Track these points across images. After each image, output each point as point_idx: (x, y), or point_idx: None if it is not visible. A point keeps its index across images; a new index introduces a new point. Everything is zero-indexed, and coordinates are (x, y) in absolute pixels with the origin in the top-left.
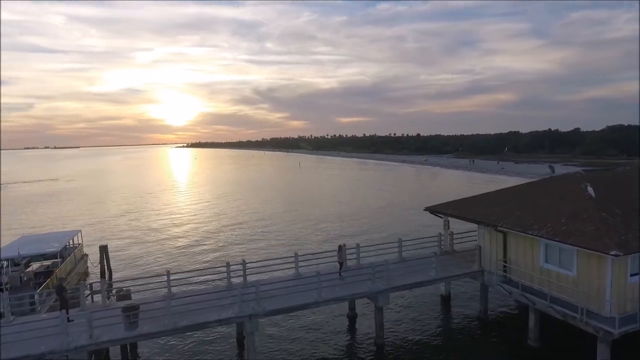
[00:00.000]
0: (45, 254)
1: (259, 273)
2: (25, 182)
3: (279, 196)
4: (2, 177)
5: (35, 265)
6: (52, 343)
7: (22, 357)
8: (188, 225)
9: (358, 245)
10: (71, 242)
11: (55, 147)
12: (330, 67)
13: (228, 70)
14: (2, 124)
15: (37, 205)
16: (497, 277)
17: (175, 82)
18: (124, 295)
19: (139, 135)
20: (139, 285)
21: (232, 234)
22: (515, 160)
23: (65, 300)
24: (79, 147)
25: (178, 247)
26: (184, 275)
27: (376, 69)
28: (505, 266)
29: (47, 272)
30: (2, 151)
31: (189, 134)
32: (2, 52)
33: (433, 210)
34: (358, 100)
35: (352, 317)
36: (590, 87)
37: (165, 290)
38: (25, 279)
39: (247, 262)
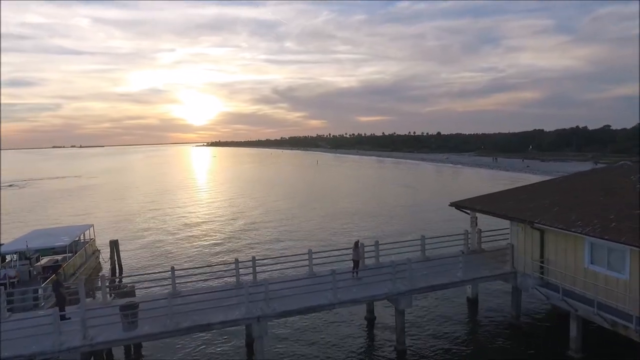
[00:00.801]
0: (54, 248)
1: (270, 271)
2: (49, 178)
3: (297, 193)
4: (28, 174)
5: (45, 260)
6: (45, 343)
7: (12, 357)
8: (204, 223)
9: (377, 242)
10: (82, 236)
11: (81, 146)
12: (350, 66)
13: (247, 70)
14: (32, 123)
15: (57, 201)
16: (533, 279)
17: (196, 82)
18: (127, 292)
19: (161, 135)
20: (144, 282)
21: (248, 232)
22: (542, 159)
23: (62, 297)
24: (103, 146)
25: (192, 244)
26: (191, 272)
27: (396, 68)
28: (542, 267)
29: (54, 267)
30: (30, 150)
31: (210, 133)
32: (31, 54)
33: (459, 205)
34: (377, 99)
35: (371, 320)
36: (620, 84)
37: (171, 288)
38: (34, 273)
39: (257, 259)
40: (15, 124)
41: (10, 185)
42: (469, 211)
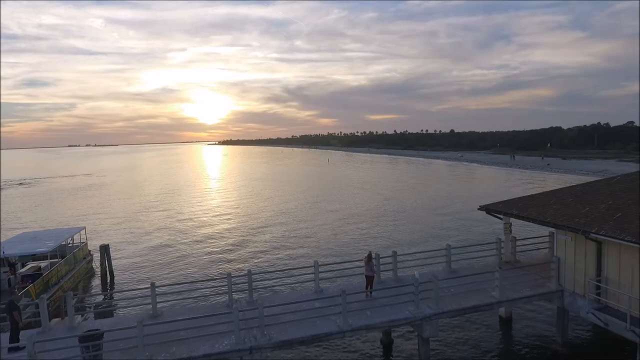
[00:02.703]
0: (34, 254)
1: (270, 286)
2: (59, 176)
3: (305, 194)
4: (39, 172)
5: (26, 267)
6: None
7: None
8: (209, 225)
9: (395, 253)
10: (72, 240)
11: (95, 145)
12: (361, 64)
13: (258, 68)
14: (48, 123)
15: (61, 200)
16: (588, 302)
17: (207, 81)
18: (104, 312)
19: (173, 133)
20: (123, 300)
21: (254, 237)
22: (563, 156)
23: (13, 321)
24: (116, 145)
25: (195, 250)
26: (177, 289)
27: (408, 66)
28: (599, 287)
29: (35, 275)
30: (46, 149)
31: (221, 132)
32: (47, 55)
33: (490, 209)
34: (389, 97)
35: (387, 344)
36: (638, 80)
37: (161, 305)
38: (17, 281)
39: (254, 273)
40: (32, 124)
41: (21, 184)
42: (501, 216)
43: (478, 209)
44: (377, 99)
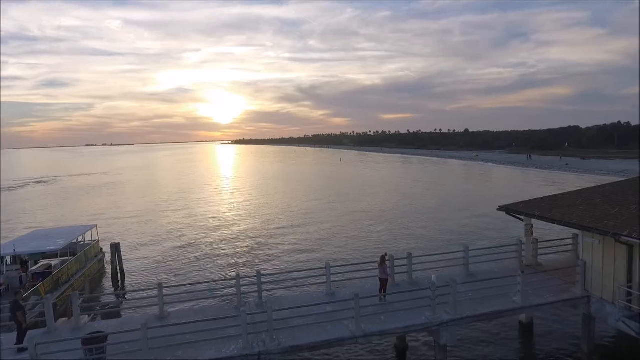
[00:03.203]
0: (44, 252)
1: (280, 288)
2: (77, 175)
3: (317, 194)
4: (57, 171)
5: (37, 265)
6: None
7: None
8: (222, 225)
9: (410, 255)
10: (82, 238)
11: (112, 144)
12: (374, 63)
13: (272, 68)
14: (66, 123)
15: (78, 198)
16: (619, 309)
17: (221, 81)
18: (111, 313)
19: (187, 133)
20: (131, 300)
21: (267, 238)
22: (582, 156)
23: (19, 322)
24: (132, 144)
25: (206, 250)
26: (185, 289)
27: (421, 64)
28: (630, 294)
29: (45, 273)
30: (64, 148)
31: (235, 131)
32: (66, 56)
33: (510, 210)
34: (402, 96)
35: (402, 351)
36: None
37: (168, 307)
38: (28, 279)
39: (263, 274)
40: (51, 123)
41: (39, 182)
42: (522, 217)
43: (497, 209)
44: (390, 98)
